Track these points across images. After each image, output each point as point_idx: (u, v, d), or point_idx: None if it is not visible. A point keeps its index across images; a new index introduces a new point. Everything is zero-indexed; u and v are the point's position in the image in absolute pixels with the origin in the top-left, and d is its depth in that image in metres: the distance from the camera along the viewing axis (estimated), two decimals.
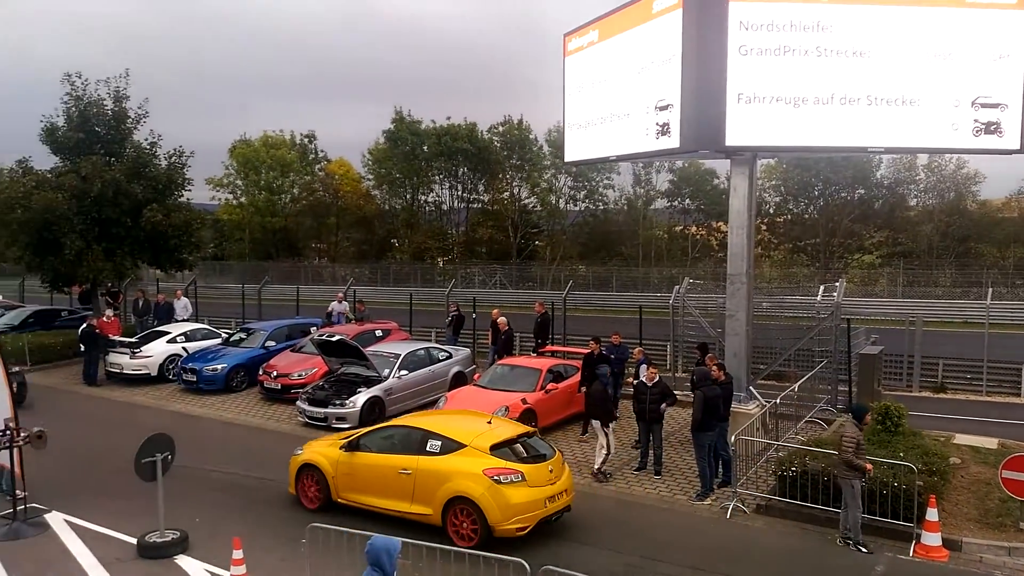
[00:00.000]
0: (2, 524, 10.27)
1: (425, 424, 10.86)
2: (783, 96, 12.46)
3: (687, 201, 50.32)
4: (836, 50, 12.31)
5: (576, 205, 53.39)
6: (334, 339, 16.65)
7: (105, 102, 23.64)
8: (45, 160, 23.93)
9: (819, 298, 17.48)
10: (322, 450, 11.22)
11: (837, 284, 17.39)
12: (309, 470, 11.11)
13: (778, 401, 13.13)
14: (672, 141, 12.84)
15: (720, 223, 45.86)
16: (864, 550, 9.80)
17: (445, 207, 57.50)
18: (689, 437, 12.64)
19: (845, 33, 12.28)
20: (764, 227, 45.09)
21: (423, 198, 57.20)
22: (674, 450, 13.97)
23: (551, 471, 10.08)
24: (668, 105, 12.74)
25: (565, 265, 47.22)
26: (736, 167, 13.96)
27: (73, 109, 23.32)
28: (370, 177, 57.59)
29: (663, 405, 12.58)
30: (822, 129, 12.59)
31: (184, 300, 24.20)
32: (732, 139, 12.60)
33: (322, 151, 60.43)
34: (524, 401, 14.27)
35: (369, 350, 16.76)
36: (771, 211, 46.43)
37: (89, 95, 23.45)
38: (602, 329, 19.78)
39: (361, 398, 15.44)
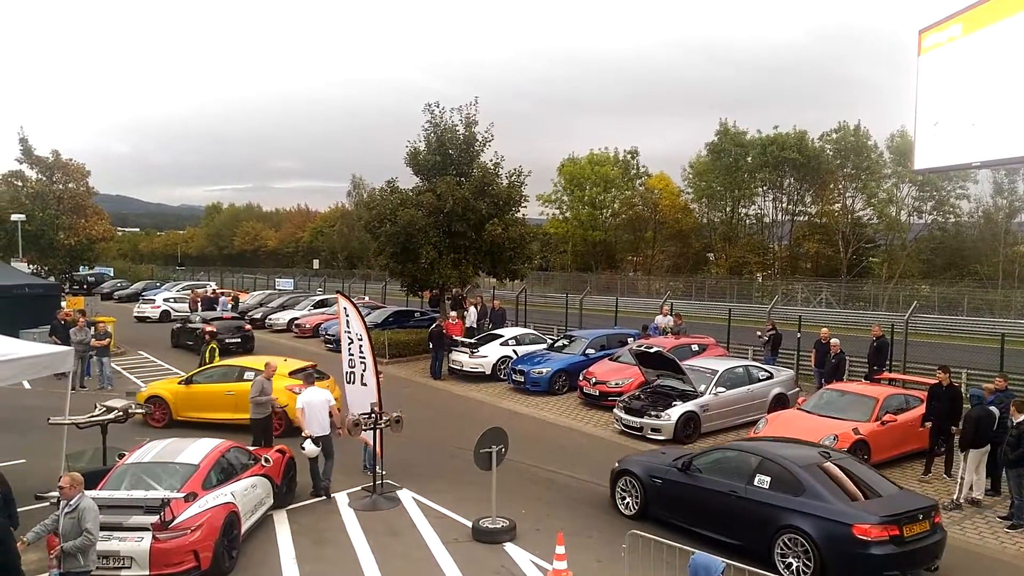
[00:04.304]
0: (363, 495, 11.90)
1: None
2: None
3: None
4: None
5: (921, 218, 47.88)
6: (652, 351, 16.85)
7: (458, 127, 26.49)
8: (408, 180, 27.55)
9: None
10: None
11: None
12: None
13: None
14: None
15: None
16: None
17: (767, 220, 55.16)
18: None
19: None
20: None
21: (743, 211, 55.51)
22: None
23: None
24: None
25: (904, 284, 42.53)
26: None
27: (432, 135, 26.53)
28: (689, 191, 57.35)
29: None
30: None
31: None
32: None
33: (643, 166, 61.60)
34: (856, 431, 13.12)
35: (686, 364, 16.68)
36: None
37: (445, 122, 26.50)
38: (948, 358, 17.52)
39: (676, 412, 15.43)
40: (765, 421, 14.43)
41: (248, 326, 27.96)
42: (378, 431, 11.91)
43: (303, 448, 11.66)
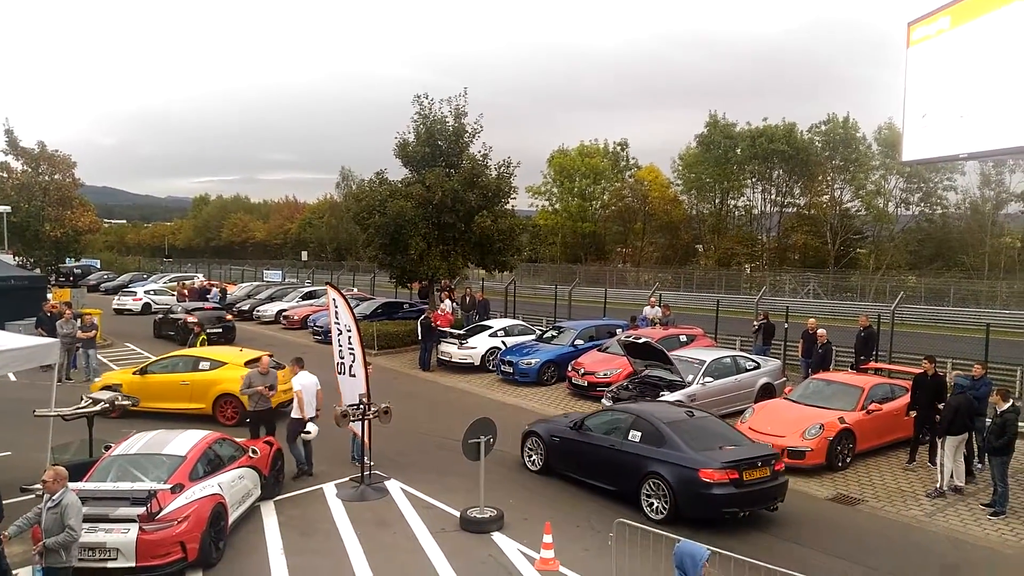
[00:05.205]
0: (351, 486, 11.91)
1: None
2: None
3: None
4: None
5: (908, 209, 48.20)
6: (640, 341, 16.91)
7: (447, 119, 26.40)
8: (397, 172, 27.44)
9: None
10: None
11: None
12: None
13: None
14: None
15: None
16: None
17: (756, 211, 55.38)
18: None
19: None
20: None
21: (732, 202, 55.72)
22: (1021, 488, 12.08)
23: None
24: None
25: (891, 275, 42.81)
26: None
27: (421, 126, 26.41)
28: (678, 183, 57.49)
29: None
30: None
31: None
32: None
33: (633, 158, 61.71)
34: (841, 420, 13.23)
35: (674, 354, 16.74)
36: None
37: (434, 113, 26.39)
38: (934, 347, 17.71)
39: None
40: (752, 411, 14.51)
41: (230, 316, 28.13)
42: (366, 422, 11.92)
43: (307, 431, 11.98)
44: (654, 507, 10.74)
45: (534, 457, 12.97)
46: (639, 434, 11.31)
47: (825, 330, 18.21)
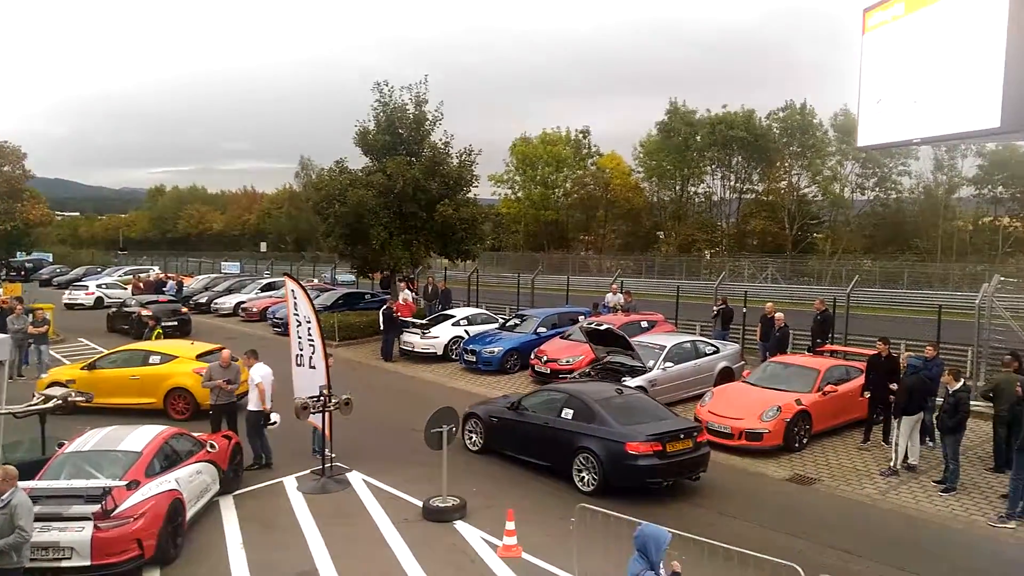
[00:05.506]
0: (312, 479, 11.82)
1: None
2: None
3: (999, 189, 44.01)
4: None
5: (863, 194, 49.20)
6: (602, 328, 17.01)
7: (408, 107, 26.16)
8: (358, 160, 27.17)
9: None
10: None
11: None
12: None
13: None
14: (990, 120, 11.34)
15: None
16: None
17: (716, 198, 55.96)
18: (989, 452, 11.78)
19: None
20: None
21: (693, 189, 56.25)
22: (971, 466, 12.46)
23: None
24: (987, 80, 11.27)
25: (847, 259, 43.63)
26: None
27: (381, 114, 26.15)
28: (640, 170, 57.82)
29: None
30: None
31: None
32: None
33: (595, 146, 61.84)
34: (798, 402, 13.49)
35: (635, 340, 16.88)
36: None
37: (395, 101, 26.14)
38: (889, 329, 18.08)
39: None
40: (711, 394, 14.72)
41: (185, 309, 27.78)
42: (327, 414, 11.82)
43: (273, 422, 12.09)
44: (584, 480, 11.34)
45: (474, 437, 13.43)
46: (572, 412, 11.92)
47: (783, 314, 18.52)
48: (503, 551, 9.20)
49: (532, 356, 19.33)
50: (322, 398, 11.78)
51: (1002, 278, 17.14)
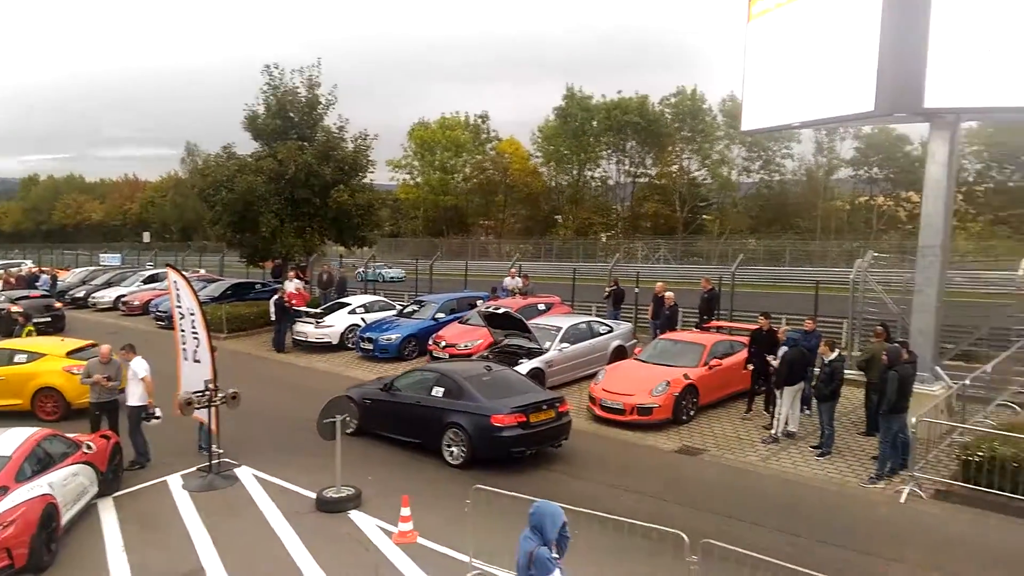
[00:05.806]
0: (199, 476, 11.38)
1: None
2: (991, 52, 11.25)
3: (874, 170, 46.92)
4: None
5: (750, 176, 51.32)
6: (499, 311, 17.10)
7: (299, 90, 25.39)
8: (247, 146, 26.22)
9: (1021, 272, 15.78)
10: None
11: None
12: None
13: (967, 382, 12.07)
14: (865, 104, 12.04)
15: (911, 192, 42.44)
16: None
17: (611, 182, 57.11)
18: (861, 417, 12.42)
19: None
20: (961, 197, 41.17)
21: (589, 174, 57.19)
22: (845, 431, 13.25)
23: None
24: (862, 66, 11.93)
25: (734, 239, 45.51)
26: (936, 131, 12.89)
27: (271, 98, 25.28)
28: (538, 155, 58.30)
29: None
30: None
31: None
32: (932, 101, 11.64)
33: (494, 131, 61.87)
34: (686, 376, 13.99)
35: (532, 323, 17.05)
36: (970, 179, 42.13)
37: (285, 84, 25.31)
38: (771, 305, 18.95)
39: (523, 369, 15.72)
40: (604, 372, 15.05)
41: (58, 304, 26.14)
42: (213, 409, 11.39)
43: (156, 417, 11.75)
44: (453, 454, 11.78)
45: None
46: (442, 390, 12.28)
47: (673, 293, 19.12)
48: (398, 537, 9.13)
49: (430, 342, 19.23)
50: (207, 392, 11.33)
51: (875, 254, 18.25)
